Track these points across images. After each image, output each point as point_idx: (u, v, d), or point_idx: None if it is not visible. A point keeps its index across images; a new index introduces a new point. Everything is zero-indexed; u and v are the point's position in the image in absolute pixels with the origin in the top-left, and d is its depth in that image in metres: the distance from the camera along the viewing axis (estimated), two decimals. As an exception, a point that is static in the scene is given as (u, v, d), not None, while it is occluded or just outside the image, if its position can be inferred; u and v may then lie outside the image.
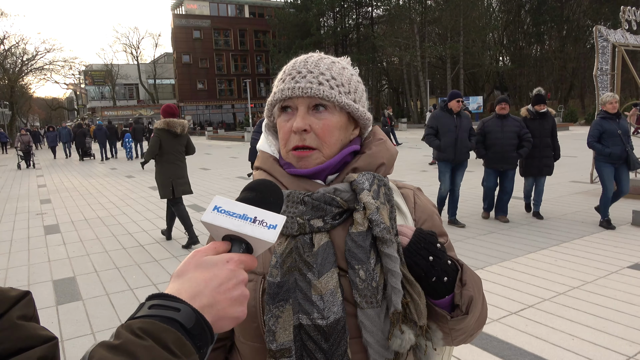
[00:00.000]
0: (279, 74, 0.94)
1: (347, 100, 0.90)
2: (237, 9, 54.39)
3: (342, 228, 0.87)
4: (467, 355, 2.97)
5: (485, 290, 3.90)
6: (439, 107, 6.20)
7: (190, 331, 0.55)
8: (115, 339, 0.52)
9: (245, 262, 0.64)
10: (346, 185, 0.87)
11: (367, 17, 48.95)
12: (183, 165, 5.89)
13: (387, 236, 0.82)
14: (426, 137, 6.20)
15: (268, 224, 0.66)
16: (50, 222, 7.75)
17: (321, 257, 0.82)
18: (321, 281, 0.81)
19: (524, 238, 5.47)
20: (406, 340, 0.80)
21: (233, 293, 0.61)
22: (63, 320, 3.85)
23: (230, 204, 0.68)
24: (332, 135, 0.89)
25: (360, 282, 0.81)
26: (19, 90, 49.89)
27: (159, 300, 0.57)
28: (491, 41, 46.25)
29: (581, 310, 3.51)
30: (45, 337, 0.60)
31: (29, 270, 5.22)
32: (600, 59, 7.65)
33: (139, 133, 20.88)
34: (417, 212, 0.97)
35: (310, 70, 0.89)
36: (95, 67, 54.80)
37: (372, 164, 0.92)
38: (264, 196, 0.72)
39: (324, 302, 0.80)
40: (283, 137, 0.90)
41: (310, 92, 0.86)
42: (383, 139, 0.98)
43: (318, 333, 0.79)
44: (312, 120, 0.87)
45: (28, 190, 12.15)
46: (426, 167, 12.52)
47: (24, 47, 47.36)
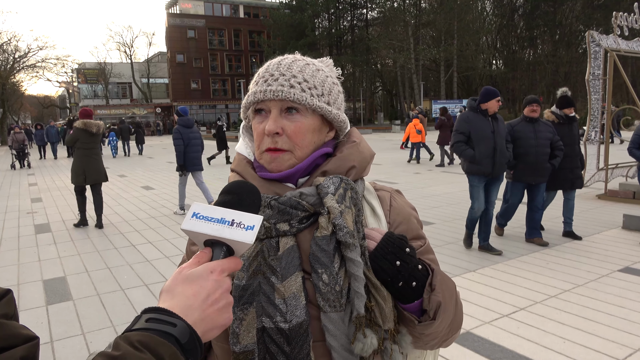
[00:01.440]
0: (255, 76, 0.95)
1: (319, 103, 0.89)
2: (232, 9, 54.29)
3: (308, 232, 0.86)
4: (458, 358, 2.98)
5: (477, 293, 3.93)
6: (468, 108, 5.13)
7: (185, 346, 0.57)
8: (114, 350, 0.54)
9: (229, 267, 0.67)
10: (312, 189, 0.87)
11: (362, 19, 49.05)
12: (98, 158, 7.09)
13: (350, 240, 0.82)
14: (456, 146, 5.02)
15: (246, 226, 0.68)
16: (41, 221, 7.68)
17: (285, 260, 0.83)
18: (284, 285, 0.81)
19: (517, 241, 5.50)
20: (368, 345, 0.80)
21: (220, 303, 0.64)
22: (53, 320, 3.81)
23: (208, 210, 0.69)
24: (305, 137, 0.89)
25: (323, 286, 0.81)
26: (10, 88, 49.42)
27: (156, 314, 0.59)
28: (485, 45, 46.58)
29: (572, 313, 3.53)
30: (27, 336, 0.61)
31: (19, 270, 5.16)
32: (592, 63, 7.71)
33: (126, 132, 22.09)
34: (392, 214, 0.96)
35: (283, 73, 0.89)
36: (88, 66, 54.43)
37: (342, 167, 0.92)
38: (241, 198, 0.74)
39: (286, 306, 0.80)
40: (257, 138, 0.91)
41: (281, 95, 0.86)
42: (357, 141, 0.97)
43: (281, 336, 0.79)
44: (284, 123, 0.88)
45: (19, 188, 12.03)
46: (420, 169, 12.55)
47: (16, 44, 46.96)
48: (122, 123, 23.37)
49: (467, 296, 3.93)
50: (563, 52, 41.91)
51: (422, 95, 38.59)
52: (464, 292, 4.02)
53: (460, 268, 4.64)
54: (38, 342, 0.61)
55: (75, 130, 6.91)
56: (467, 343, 3.14)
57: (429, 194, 8.82)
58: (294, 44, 42.99)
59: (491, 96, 4.92)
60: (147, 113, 49.19)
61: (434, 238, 5.75)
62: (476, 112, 4.99)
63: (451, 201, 8.01)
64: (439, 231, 6.06)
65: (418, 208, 7.40)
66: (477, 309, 3.67)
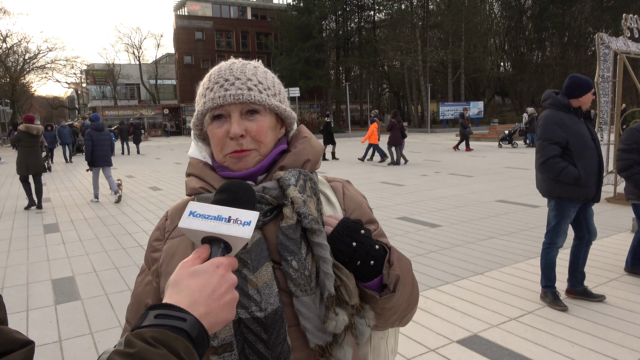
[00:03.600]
0: (204, 82, 0.97)
1: (276, 102, 0.95)
2: (240, 10, 54.43)
3: (273, 224, 0.90)
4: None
5: (484, 296, 3.92)
6: (554, 106, 3.63)
7: (195, 340, 0.58)
8: (128, 347, 0.54)
9: (232, 264, 0.69)
10: (274, 182, 0.91)
11: (369, 21, 49.00)
12: (38, 154, 8.93)
13: (315, 226, 0.87)
14: (550, 163, 3.51)
15: (242, 221, 0.70)
16: (50, 221, 7.74)
17: (255, 253, 0.86)
18: (256, 275, 0.84)
19: (524, 244, 5.47)
20: (340, 321, 0.85)
21: (225, 298, 0.65)
22: (62, 320, 3.84)
23: (204, 208, 0.71)
24: (267, 136, 0.94)
25: (293, 272, 0.85)
26: (20, 89, 49.92)
27: (164, 310, 0.60)
28: (492, 46, 46.38)
29: (581, 317, 3.51)
30: (23, 341, 0.61)
31: (28, 269, 5.21)
32: (602, 66, 7.66)
33: (125, 132, 23.70)
34: (346, 202, 1.03)
35: (238, 77, 0.92)
36: (97, 67, 54.80)
37: (298, 161, 0.97)
38: (236, 196, 0.77)
39: (260, 295, 0.83)
40: (218, 143, 0.93)
41: (242, 98, 0.90)
42: (307, 136, 1.03)
43: (257, 325, 0.82)
44: (247, 125, 0.91)
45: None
46: (427, 172, 12.53)
47: (26, 45, 47.38)
48: (122, 124, 25.00)
49: (474, 299, 3.92)
50: (572, 54, 41.66)
51: (429, 97, 38.48)
52: (471, 295, 4.01)
53: (467, 271, 4.62)
54: (33, 347, 0.62)
55: (19, 132, 8.68)
56: (474, 346, 3.13)
57: (436, 196, 8.79)
58: (301, 45, 43.02)
59: (586, 88, 3.57)
60: (154, 114, 49.40)
61: (440, 240, 5.73)
62: (568, 111, 3.59)
63: (458, 203, 7.98)
64: (446, 234, 6.04)
65: (424, 210, 7.42)
66: (484, 312, 3.66)
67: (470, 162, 14.41)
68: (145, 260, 1.03)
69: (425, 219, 6.92)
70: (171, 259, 0.95)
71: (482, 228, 6.29)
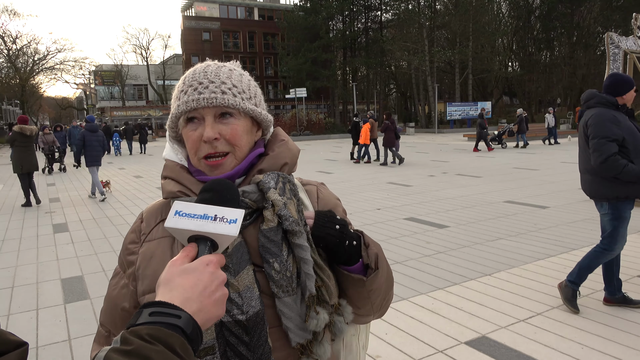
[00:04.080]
0: (179, 84, 0.97)
1: (250, 106, 0.95)
2: (247, 11, 54.61)
3: (253, 227, 0.91)
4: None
5: (493, 297, 3.90)
6: (603, 104, 3.51)
7: (189, 336, 0.60)
8: (125, 345, 0.55)
9: (221, 262, 0.71)
10: (253, 186, 0.92)
11: (376, 21, 48.94)
12: (32, 153, 9.36)
13: (296, 228, 0.88)
14: (611, 160, 3.32)
15: (229, 219, 0.71)
16: (59, 221, 7.80)
17: (236, 257, 0.86)
18: (237, 279, 0.85)
19: (533, 245, 5.43)
20: (321, 320, 0.88)
21: (216, 295, 0.66)
22: (71, 318, 3.87)
23: (190, 207, 0.72)
24: (242, 139, 0.94)
25: (275, 274, 0.87)
26: (29, 89, 50.41)
27: (159, 308, 0.61)
28: (500, 47, 46.12)
29: (591, 319, 3.48)
30: (17, 342, 0.61)
31: (38, 268, 5.25)
32: (611, 65, 7.60)
33: (129, 133, 24.41)
34: (319, 204, 1.04)
35: (212, 80, 0.92)
36: (105, 68, 55.22)
37: (276, 164, 0.98)
38: (221, 195, 0.78)
39: (242, 299, 0.84)
40: (192, 146, 0.93)
41: (215, 101, 0.90)
42: (285, 139, 1.03)
43: (239, 328, 0.83)
44: (221, 128, 0.91)
45: (37, 188, 12.23)
46: (434, 172, 12.49)
47: (35, 46, 47.88)
48: (127, 125, 25.49)
49: (483, 300, 3.90)
50: (581, 54, 41.35)
51: (437, 98, 38.34)
52: (480, 296, 3.99)
53: (475, 272, 4.60)
54: (27, 349, 0.62)
55: (13, 132, 9.17)
56: (482, 347, 3.11)
57: (443, 196, 8.76)
58: (308, 46, 43.06)
59: (628, 85, 3.50)
60: (162, 114, 49.67)
61: (448, 241, 5.71)
62: (616, 108, 3.50)
63: (466, 204, 7.95)
64: (454, 234, 6.02)
65: (432, 211, 7.40)
66: (493, 313, 3.64)
67: (477, 163, 14.35)
68: (120, 263, 1.02)
69: (432, 219, 6.90)
70: (149, 262, 0.94)
71: (490, 229, 6.26)
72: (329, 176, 12.53)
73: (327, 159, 17.27)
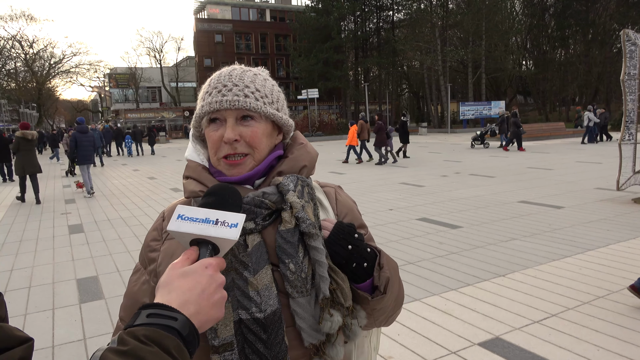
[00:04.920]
0: (204, 86, 1.00)
1: (272, 110, 0.97)
2: (259, 13, 54.84)
3: (272, 227, 0.94)
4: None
5: (506, 298, 3.86)
6: None
7: (186, 338, 0.61)
8: (121, 345, 0.56)
9: (221, 265, 0.72)
10: (273, 188, 0.95)
11: (388, 21, 48.77)
12: (33, 156, 10.25)
13: (312, 231, 0.91)
14: None
15: (230, 224, 0.72)
16: (74, 222, 7.91)
17: (255, 256, 0.89)
18: (257, 278, 0.88)
19: (548, 246, 5.36)
20: (335, 322, 0.89)
21: (214, 297, 0.67)
22: (86, 318, 3.92)
23: (192, 211, 0.73)
24: (261, 142, 0.96)
25: (290, 275, 0.89)
26: (46, 93, 51.24)
27: (156, 310, 0.62)
28: (514, 45, 45.63)
29: (607, 321, 3.42)
30: (23, 338, 0.63)
31: (54, 269, 5.33)
32: (627, 63, 7.47)
33: (138, 135, 25.05)
34: (338, 207, 1.07)
35: (236, 84, 0.95)
36: (119, 70, 55.90)
37: (295, 167, 1.00)
38: (223, 199, 0.79)
39: (260, 297, 0.87)
40: (213, 146, 0.96)
41: (237, 104, 0.93)
42: (304, 143, 1.06)
43: (257, 325, 0.86)
44: (241, 130, 0.94)
45: (53, 190, 12.43)
46: (447, 172, 12.40)
47: (51, 50, 48.77)
48: (135, 127, 26.16)
49: (496, 301, 3.86)
50: (596, 51, 40.70)
51: (449, 97, 38.08)
52: (493, 297, 3.95)
53: (489, 273, 4.56)
54: (33, 344, 0.64)
55: (16, 138, 10.03)
56: (496, 349, 3.08)
57: (456, 197, 8.70)
58: (320, 46, 43.08)
59: None
60: (175, 116, 50.12)
61: (461, 242, 5.67)
62: None
63: (479, 204, 7.88)
64: (467, 235, 5.97)
65: (445, 211, 7.35)
66: (506, 314, 3.60)
67: (491, 163, 14.22)
68: (141, 260, 1.05)
69: (445, 220, 6.85)
70: (170, 259, 0.96)
71: (504, 229, 6.20)
72: (341, 177, 12.52)
73: (339, 159, 17.25)
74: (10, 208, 9.74)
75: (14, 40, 44.40)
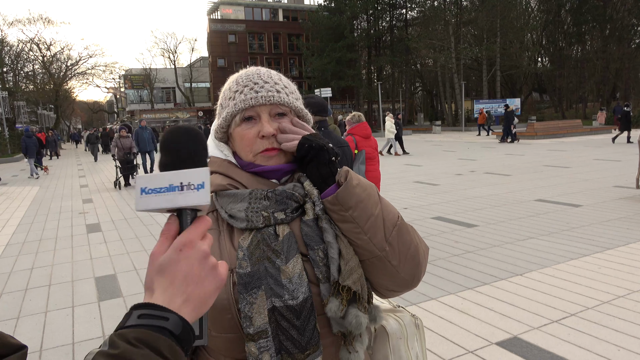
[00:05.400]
0: (231, 86, 1.01)
1: (300, 105, 1.03)
2: (271, 13, 54.95)
3: (297, 220, 0.97)
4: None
5: (525, 297, 3.82)
6: None
7: (179, 337, 0.59)
8: (112, 349, 0.55)
9: (197, 233, 0.64)
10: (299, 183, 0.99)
11: (401, 19, 48.54)
12: None
13: (321, 214, 0.95)
14: None
15: (195, 185, 0.63)
16: (92, 221, 8.03)
17: (286, 245, 0.91)
18: (289, 266, 0.90)
19: (566, 244, 5.29)
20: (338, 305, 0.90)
21: (201, 274, 0.63)
22: (105, 316, 3.98)
23: (153, 180, 0.64)
24: None
25: (320, 260, 0.92)
26: (63, 94, 52.02)
27: (147, 310, 0.60)
28: (529, 42, 45.05)
29: (628, 320, 3.37)
30: (17, 345, 0.62)
31: (73, 267, 5.42)
32: (647, 58, 7.33)
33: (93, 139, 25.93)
34: None
35: (266, 81, 0.98)
36: (134, 72, 56.46)
37: None
38: (179, 152, 0.66)
39: (292, 285, 0.88)
40: (247, 143, 0.98)
41: (273, 99, 0.96)
42: None
43: (290, 312, 0.88)
44: (276, 125, 0.98)
45: (71, 190, 12.62)
46: (462, 171, 12.31)
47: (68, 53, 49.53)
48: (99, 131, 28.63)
49: (514, 301, 3.82)
50: (614, 47, 39.98)
51: (464, 95, 37.76)
52: (511, 296, 3.92)
53: (506, 272, 4.51)
54: (26, 352, 0.63)
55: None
56: (514, 349, 3.05)
57: (472, 195, 8.63)
58: (333, 45, 43.02)
59: None
60: (189, 117, 50.48)
61: (477, 241, 5.62)
62: None
63: (495, 203, 7.80)
64: (483, 234, 5.92)
65: (460, 210, 7.29)
66: (524, 313, 3.56)
67: (507, 161, 14.07)
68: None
69: (461, 218, 6.80)
70: None
71: (521, 228, 6.13)
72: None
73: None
74: (29, 207, 9.92)
75: (32, 43, 45.17)
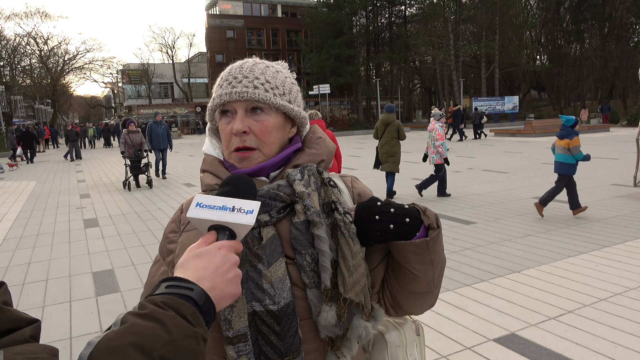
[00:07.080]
0: (218, 79, 1.01)
1: (282, 102, 0.96)
2: (270, 8, 54.74)
3: (286, 220, 0.94)
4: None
5: (522, 294, 3.83)
6: None
7: (202, 307, 0.64)
8: (141, 309, 0.60)
9: (234, 247, 0.74)
10: (285, 180, 0.95)
11: (400, 16, 48.40)
12: None
13: (317, 219, 0.90)
14: None
15: (246, 210, 0.76)
16: (90, 216, 8.01)
17: (269, 248, 0.89)
18: (270, 270, 0.88)
19: (563, 242, 5.31)
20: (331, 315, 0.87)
21: (229, 275, 0.70)
22: (102, 311, 3.98)
23: (210, 199, 0.77)
24: (270, 135, 0.96)
25: (307, 265, 0.89)
26: (60, 89, 51.81)
27: (174, 282, 0.67)
28: (528, 39, 45.04)
29: (624, 318, 3.38)
30: (30, 319, 0.67)
31: (70, 262, 5.41)
32: (646, 57, 7.34)
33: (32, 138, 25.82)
34: (354, 193, 1.07)
35: (246, 75, 0.95)
36: (132, 67, 56.23)
37: (313, 161, 1.01)
38: (239, 188, 0.82)
39: (274, 289, 0.87)
40: (225, 139, 0.97)
41: (246, 95, 0.93)
42: (322, 137, 1.06)
43: (271, 317, 0.86)
44: (251, 122, 0.94)
45: (68, 185, 12.59)
46: (459, 168, 12.32)
47: (65, 47, 49.23)
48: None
49: (511, 297, 3.83)
50: (612, 45, 40.04)
51: (462, 93, 37.75)
52: (508, 293, 3.93)
53: (503, 269, 4.53)
54: (40, 325, 0.68)
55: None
56: (512, 345, 3.06)
57: (469, 192, 8.64)
58: (332, 42, 42.90)
59: None
60: (187, 112, 50.37)
61: (475, 238, 5.63)
62: None
63: (493, 200, 7.82)
64: (481, 231, 5.93)
65: (458, 207, 7.30)
66: (521, 310, 3.57)
67: (505, 159, 14.09)
68: (160, 251, 1.07)
69: (458, 215, 6.81)
70: None
71: (519, 225, 6.14)
72: (353, 172, 12.49)
73: (351, 155, 17.22)
74: (26, 202, 9.89)
75: (29, 37, 44.95)
